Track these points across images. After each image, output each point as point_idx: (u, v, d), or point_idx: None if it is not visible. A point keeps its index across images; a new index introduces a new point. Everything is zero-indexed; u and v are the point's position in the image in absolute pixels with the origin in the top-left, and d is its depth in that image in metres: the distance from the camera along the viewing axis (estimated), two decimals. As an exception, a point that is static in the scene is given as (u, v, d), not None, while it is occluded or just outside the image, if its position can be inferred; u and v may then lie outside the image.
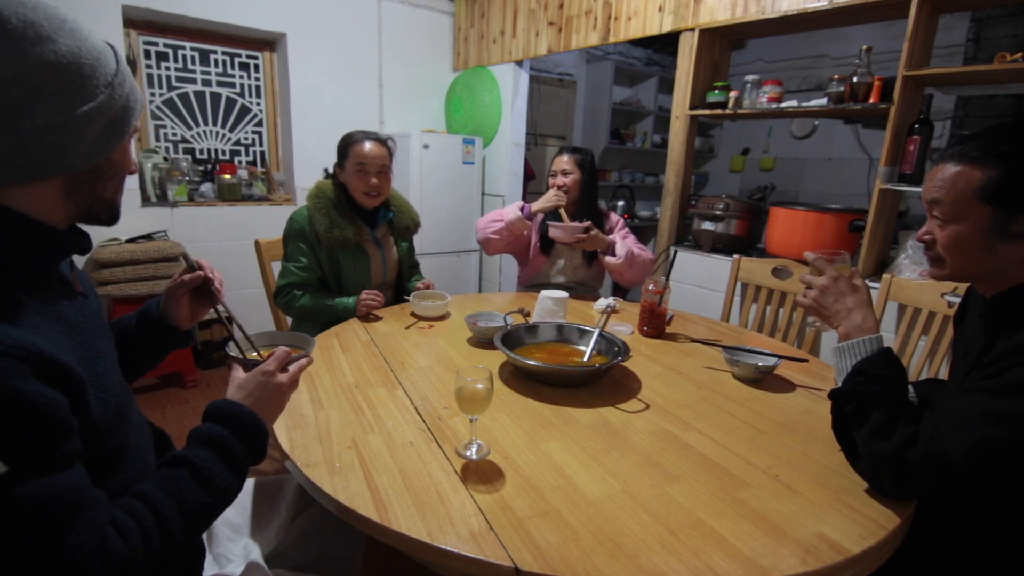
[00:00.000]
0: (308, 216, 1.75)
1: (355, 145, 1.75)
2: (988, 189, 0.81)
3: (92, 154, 0.63)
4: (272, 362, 0.81)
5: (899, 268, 1.95)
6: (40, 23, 0.56)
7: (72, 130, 0.59)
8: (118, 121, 0.64)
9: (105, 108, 0.62)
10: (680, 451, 0.98)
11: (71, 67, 0.58)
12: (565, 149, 2.19)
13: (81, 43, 0.60)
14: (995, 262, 0.85)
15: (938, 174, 0.87)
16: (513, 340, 1.37)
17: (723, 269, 2.41)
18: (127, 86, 0.66)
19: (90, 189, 0.66)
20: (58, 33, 0.57)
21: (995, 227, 0.82)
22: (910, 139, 1.95)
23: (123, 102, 0.65)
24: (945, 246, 0.88)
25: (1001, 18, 3.10)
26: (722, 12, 2.39)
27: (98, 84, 0.61)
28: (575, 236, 1.98)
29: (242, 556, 0.95)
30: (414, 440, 0.98)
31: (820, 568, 0.70)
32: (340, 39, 3.41)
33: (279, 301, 1.75)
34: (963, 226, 0.85)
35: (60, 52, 0.57)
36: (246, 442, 0.73)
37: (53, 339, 0.59)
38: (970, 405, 0.77)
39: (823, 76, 4.08)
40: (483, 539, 0.73)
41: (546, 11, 3.18)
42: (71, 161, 0.61)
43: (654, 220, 4.68)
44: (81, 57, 0.59)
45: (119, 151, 0.68)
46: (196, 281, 0.92)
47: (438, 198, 3.55)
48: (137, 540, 0.59)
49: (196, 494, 0.66)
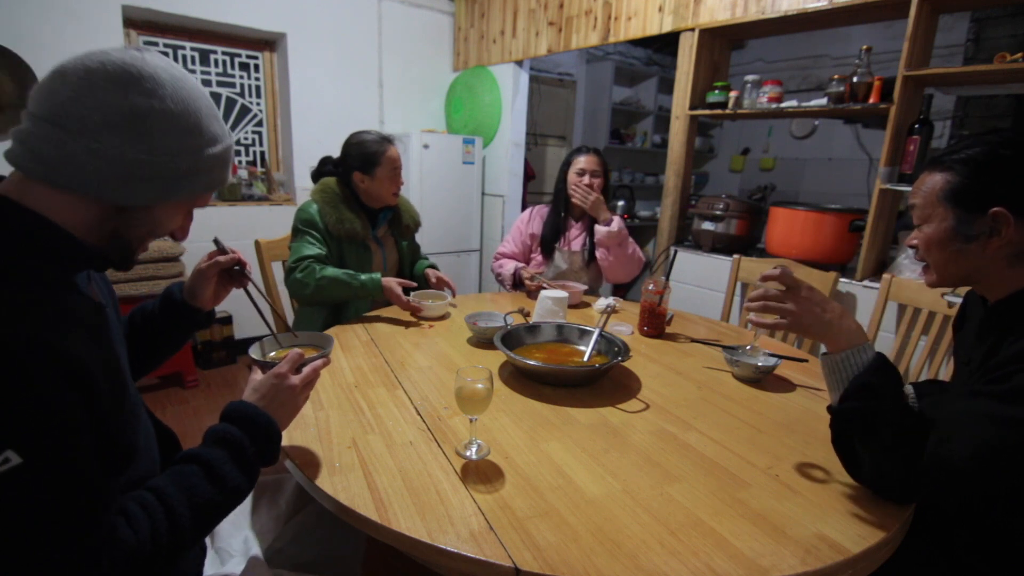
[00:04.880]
0: (318, 209, 1.76)
1: (386, 152, 1.78)
2: (949, 191, 0.87)
3: (124, 195, 0.65)
4: (284, 364, 0.83)
5: (899, 268, 1.95)
6: (153, 79, 0.63)
7: (113, 163, 0.62)
8: (169, 184, 0.67)
9: (161, 167, 0.65)
10: (680, 451, 0.98)
11: (151, 122, 0.63)
12: (586, 148, 2.17)
13: (178, 112, 0.65)
14: (967, 263, 0.89)
15: (917, 182, 0.94)
16: (513, 340, 1.37)
17: (723, 269, 2.41)
18: (204, 164, 0.69)
19: (114, 226, 0.68)
20: (162, 93, 0.64)
21: (959, 227, 0.87)
22: (910, 139, 1.95)
23: (187, 172, 0.68)
24: (922, 247, 0.93)
25: (1001, 18, 3.10)
26: (722, 12, 2.39)
27: (166, 146, 0.65)
28: (578, 299, 1.97)
29: (242, 550, 0.96)
30: (414, 440, 0.98)
31: (820, 568, 0.70)
32: (340, 39, 3.41)
33: (295, 275, 1.67)
34: (932, 227, 0.90)
35: (152, 107, 0.63)
36: (257, 443, 0.75)
37: (74, 340, 0.60)
38: (976, 409, 0.78)
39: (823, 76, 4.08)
40: (483, 539, 0.73)
41: (546, 11, 3.18)
42: (98, 188, 0.63)
43: (654, 220, 4.68)
44: (167, 120, 0.64)
45: (162, 209, 0.71)
46: (230, 262, 0.96)
47: (438, 198, 3.55)
48: (146, 532, 0.61)
49: (206, 491, 0.68)
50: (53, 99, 0.61)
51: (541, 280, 2.05)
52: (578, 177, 2.13)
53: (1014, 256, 0.86)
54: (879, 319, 1.85)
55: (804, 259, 2.14)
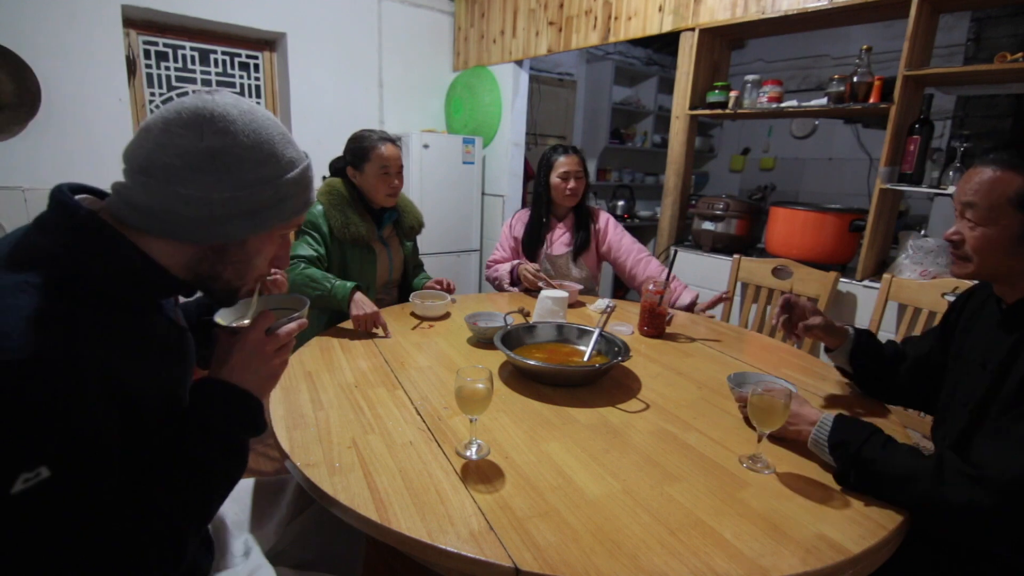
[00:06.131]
0: (323, 212, 1.76)
1: (376, 149, 1.75)
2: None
3: (215, 235, 0.67)
4: (251, 329, 0.77)
5: (899, 268, 1.95)
6: (224, 118, 0.65)
7: (201, 205, 0.65)
8: (256, 216, 0.69)
9: (245, 201, 0.67)
10: (680, 451, 0.98)
11: (228, 159, 0.65)
12: (565, 148, 2.13)
13: (251, 144, 0.67)
14: (1018, 265, 0.88)
15: (975, 178, 0.90)
16: (513, 340, 1.37)
17: (723, 269, 2.41)
18: (285, 191, 0.70)
19: (211, 264, 0.71)
20: (234, 129, 0.66)
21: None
22: (910, 139, 1.95)
23: (270, 201, 0.69)
24: (975, 247, 0.91)
25: (1001, 18, 3.10)
26: (722, 12, 2.39)
27: (246, 179, 0.66)
28: (575, 298, 1.96)
29: (242, 552, 0.95)
30: (414, 440, 0.98)
31: (820, 568, 0.70)
32: (340, 39, 3.40)
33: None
34: (994, 229, 0.88)
35: (226, 145, 0.65)
36: (238, 423, 0.73)
37: (134, 361, 0.63)
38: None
39: (823, 76, 4.08)
40: (483, 539, 0.73)
41: (546, 11, 3.18)
42: (191, 232, 0.66)
43: (654, 220, 4.67)
44: (242, 154, 0.66)
45: (255, 242, 0.72)
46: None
47: (438, 198, 3.55)
48: (154, 554, 0.62)
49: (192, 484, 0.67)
50: (139, 152, 0.65)
51: (541, 275, 2.04)
52: (562, 182, 2.10)
53: None
54: (879, 319, 1.85)
55: (804, 259, 2.14)
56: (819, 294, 1.97)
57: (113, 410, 0.59)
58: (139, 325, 0.66)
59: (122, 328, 0.63)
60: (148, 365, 0.65)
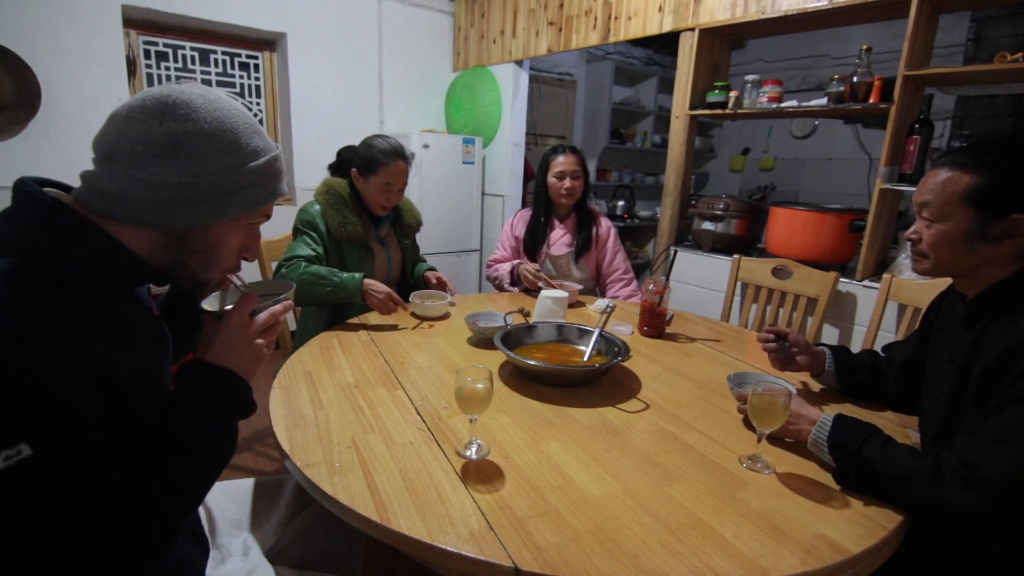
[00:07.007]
0: (320, 211, 1.76)
1: (387, 167, 1.75)
2: (974, 193, 0.89)
3: (177, 219, 0.67)
4: (234, 312, 0.78)
5: (899, 268, 1.95)
6: (187, 105, 0.66)
7: (161, 189, 0.65)
8: (217, 202, 0.69)
9: (205, 187, 0.67)
10: (680, 451, 0.98)
11: (189, 145, 0.66)
12: (564, 148, 2.13)
13: (212, 131, 0.67)
14: (972, 260, 0.92)
15: (931, 179, 0.95)
16: (513, 340, 1.37)
17: (723, 269, 2.41)
18: (248, 179, 0.70)
19: (176, 252, 0.71)
20: (196, 116, 0.66)
21: (976, 229, 0.89)
22: (910, 139, 1.95)
23: (232, 188, 0.69)
24: (930, 244, 0.95)
25: (1001, 18, 3.10)
26: (722, 12, 2.39)
27: (207, 165, 0.67)
28: (575, 298, 1.96)
29: (241, 551, 0.96)
30: (414, 440, 0.98)
31: (820, 568, 0.70)
32: (340, 39, 3.41)
33: (281, 272, 1.68)
34: (948, 225, 0.92)
35: (187, 131, 0.65)
36: (227, 406, 0.74)
37: (111, 345, 0.62)
38: (1010, 420, 0.80)
39: (823, 76, 4.09)
40: (483, 539, 0.73)
41: (546, 11, 3.18)
42: (154, 216, 0.66)
43: (654, 220, 4.68)
44: (203, 140, 0.66)
45: (218, 230, 0.72)
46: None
47: (438, 198, 3.55)
48: (143, 536, 0.61)
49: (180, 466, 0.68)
50: (105, 139, 0.66)
51: (541, 275, 2.04)
52: (558, 181, 2.10)
53: (1016, 256, 0.89)
54: (879, 319, 1.85)
55: (804, 259, 2.14)
56: (819, 294, 1.97)
57: (93, 390, 0.59)
58: (115, 311, 0.66)
59: (97, 312, 0.63)
60: (125, 348, 0.65)
